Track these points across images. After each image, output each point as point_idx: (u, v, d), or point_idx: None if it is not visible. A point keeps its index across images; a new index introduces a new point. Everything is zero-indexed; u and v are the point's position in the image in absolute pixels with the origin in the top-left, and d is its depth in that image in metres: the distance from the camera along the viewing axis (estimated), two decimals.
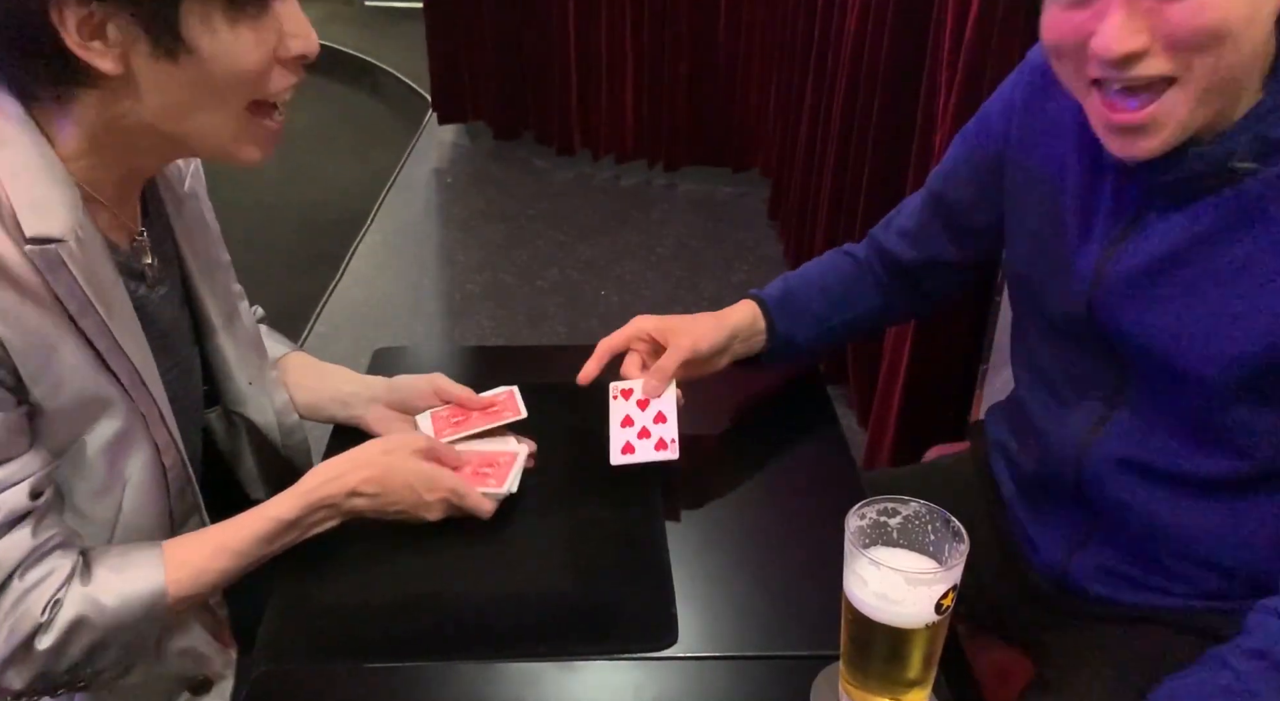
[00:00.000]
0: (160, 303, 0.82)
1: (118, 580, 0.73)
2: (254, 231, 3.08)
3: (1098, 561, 0.87)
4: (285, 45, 0.71)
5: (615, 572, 0.83)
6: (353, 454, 0.84)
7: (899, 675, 0.66)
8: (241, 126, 0.73)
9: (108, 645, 0.73)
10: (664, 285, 2.73)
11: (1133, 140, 0.70)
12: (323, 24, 4.87)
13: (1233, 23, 0.65)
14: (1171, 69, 0.67)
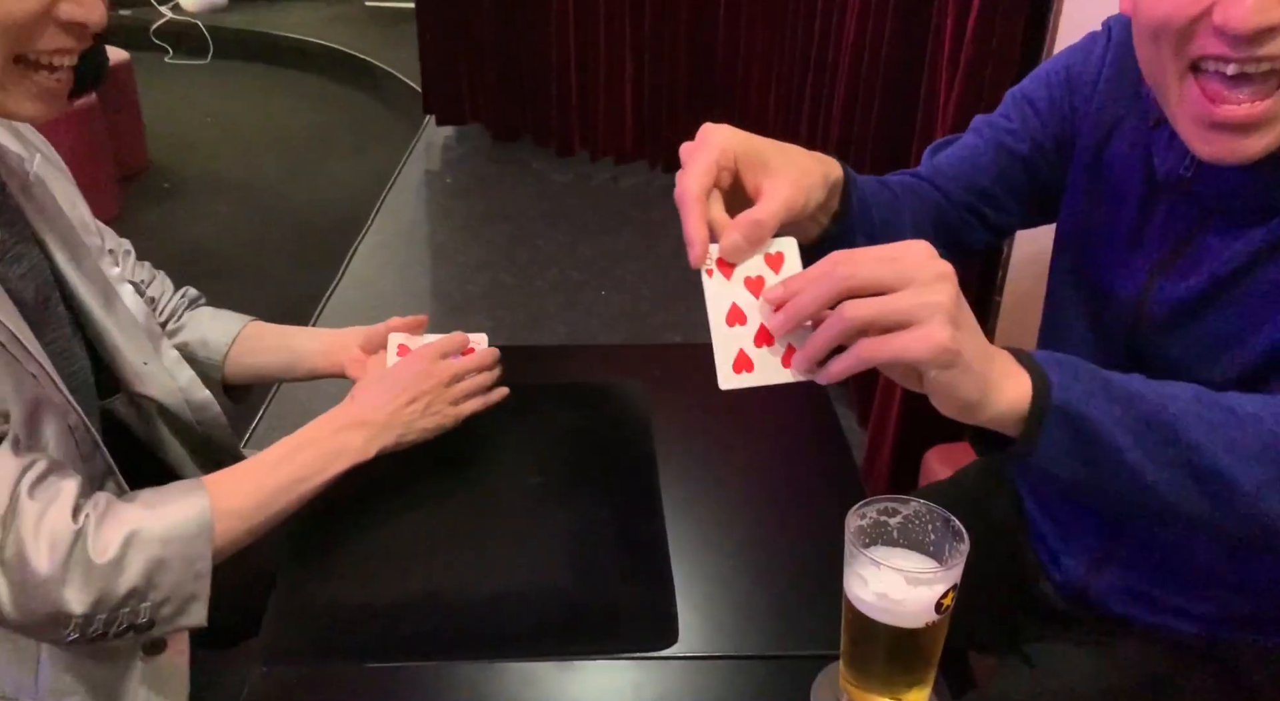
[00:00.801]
0: (20, 280, 0.80)
1: (161, 501, 0.76)
2: (254, 231, 3.09)
3: (1119, 580, 0.84)
4: (64, 7, 0.69)
5: (615, 572, 0.83)
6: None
7: (899, 674, 0.66)
8: (8, 78, 0.70)
9: (166, 564, 0.74)
10: (664, 285, 2.73)
11: (1233, 139, 0.63)
12: (323, 24, 4.87)
13: None
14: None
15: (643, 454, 0.96)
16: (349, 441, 0.86)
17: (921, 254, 0.54)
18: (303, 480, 0.83)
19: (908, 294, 0.53)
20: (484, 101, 3.53)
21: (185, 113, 4.05)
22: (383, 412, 0.88)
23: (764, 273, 0.60)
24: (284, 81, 4.56)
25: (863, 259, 0.54)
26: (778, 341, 0.60)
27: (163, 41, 4.72)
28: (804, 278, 0.57)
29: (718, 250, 0.61)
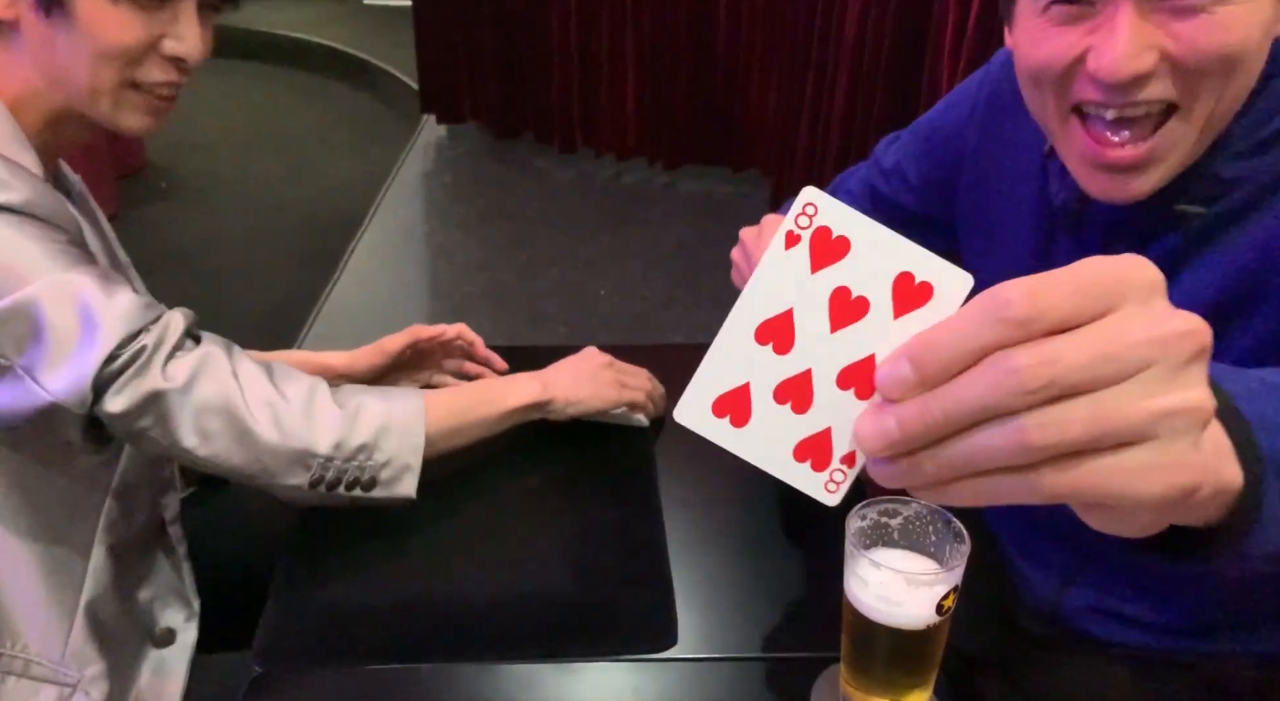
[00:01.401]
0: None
1: (381, 393, 0.84)
2: (252, 231, 3.08)
3: (1088, 599, 0.84)
4: (166, 43, 0.76)
5: (615, 573, 0.83)
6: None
7: (900, 676, 0.66)
8: (121, 99, 0.77)
9: (389, 430, 0.80)
10: (664, 285, 2.72)
11: (1124, 180, 0.63)
12: (322, 23, 4.87)
13: (1248, 47, 0.59)
14: (1176, 94, 0.60)
15: (642, 454, 0.96)
16: (529, 384, 0.91)
17: (1154, 305, 0.32)
18: (487, 401, 0.89)
19: (1144, 393, 0.31)
20: (483, 99, 3.52)
21: (183, 111, 4.01)
22: (566, 380, 0.93)
23: (878, 300, 0.34)
24: (281, 80, 4.55)
25: (1057, 321, 0.31)
26: (813, 410, 0.35)
27: None
28: (950, 350, 0.31)
29: (827, 210, 0.34)
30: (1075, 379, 0.30)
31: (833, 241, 0.34)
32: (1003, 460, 0.31)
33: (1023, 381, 0.30)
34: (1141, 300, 0.31)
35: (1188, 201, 0.65)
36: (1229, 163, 0.64)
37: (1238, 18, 0.57)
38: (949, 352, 0.31)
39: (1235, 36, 0.58)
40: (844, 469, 0.36)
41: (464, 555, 0.85)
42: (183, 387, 0.74)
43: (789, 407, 0.36)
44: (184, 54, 0.77)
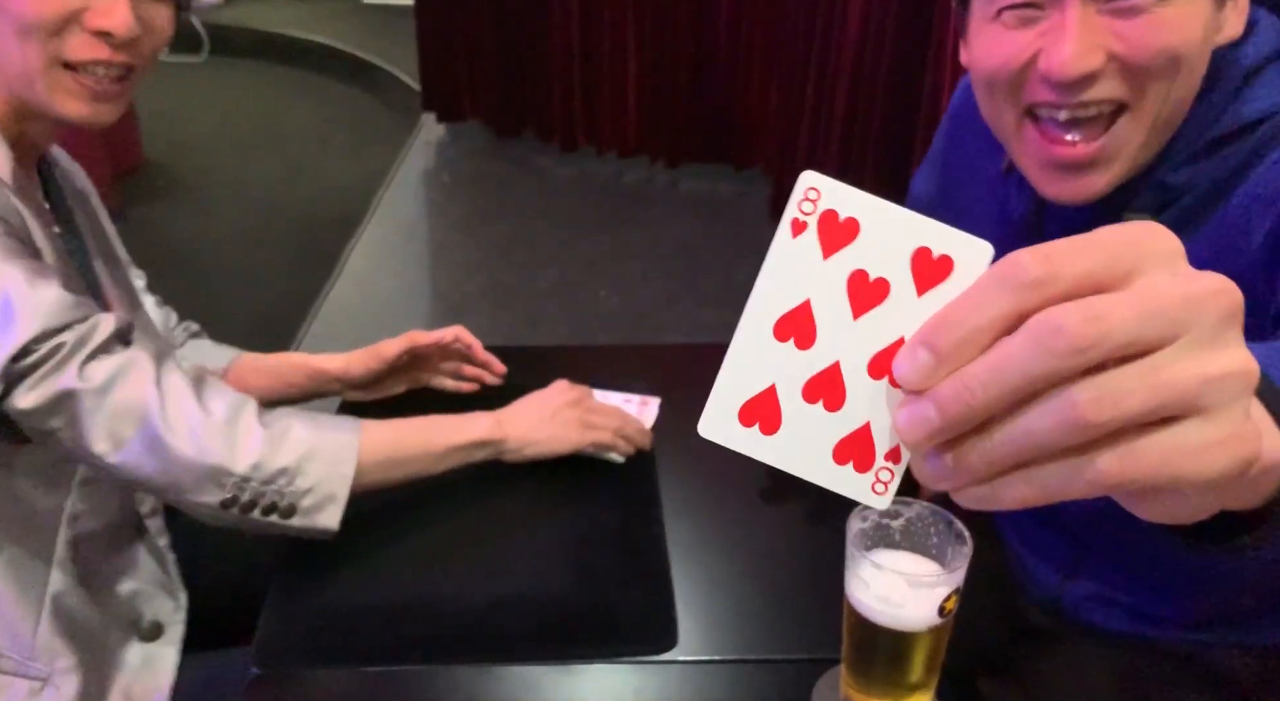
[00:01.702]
0: (75, 274, 0.85)
1: (316, 417, 0.82)
2: (250, 230, 3.08)
3: (1091, 589, 0.84)
4: (88, 16, 0.73)
5: (615, 575, 0.83)
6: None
7: (901, 678, 0.65)
8: (55, 80, 0.75)
9: (316, 454, 0.78)
10: (664, 285, 2.72)
11: (1076, 179, 0.64)
12: (319, 21, 4.87)
13: (1190, 47, 0.61)
14: (1125, 94, 0.62)
15: (643, 455, 0.96)
16: (479, 420, 0.89)
17: (1177, 266, 0.29)
18: (433, 435, 0.86)
19: (1193, 357, 0.28)
20: (484, 97, 3.52)
21: (181, 110, 4.04)
22: (526, 417, 0.90)
23: (898, 280, 0.31)
24: (280, 79, 4.55)
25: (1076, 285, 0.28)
26: (847, 407, 0.32)
27: None
28: (969, 326, 0.29)
29: (829, 193, 0.31)
30: (1123, 338, 0.27)
31: (841, 224, 0.31)
32: (1056, 441, 0.27)
33: (1071, 341, 0.26)
34: (1165, 263, 0.29)
35: (1136, 209, 0.66)
36: (1174, 170, 0.66)
37: (1178, 17, 0.60)
38: (964, 328, 0.28)
39: (1177, 36, 0.60)
40: (890, 467, 0.32)
41: (464, 556, 0.85)
42: (98, 390, 0.71)
43: (821, 406, 0.32)
44: (109, 28, 0.73)
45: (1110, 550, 0.82)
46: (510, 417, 0.89)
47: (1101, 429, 0.27)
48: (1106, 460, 0.27)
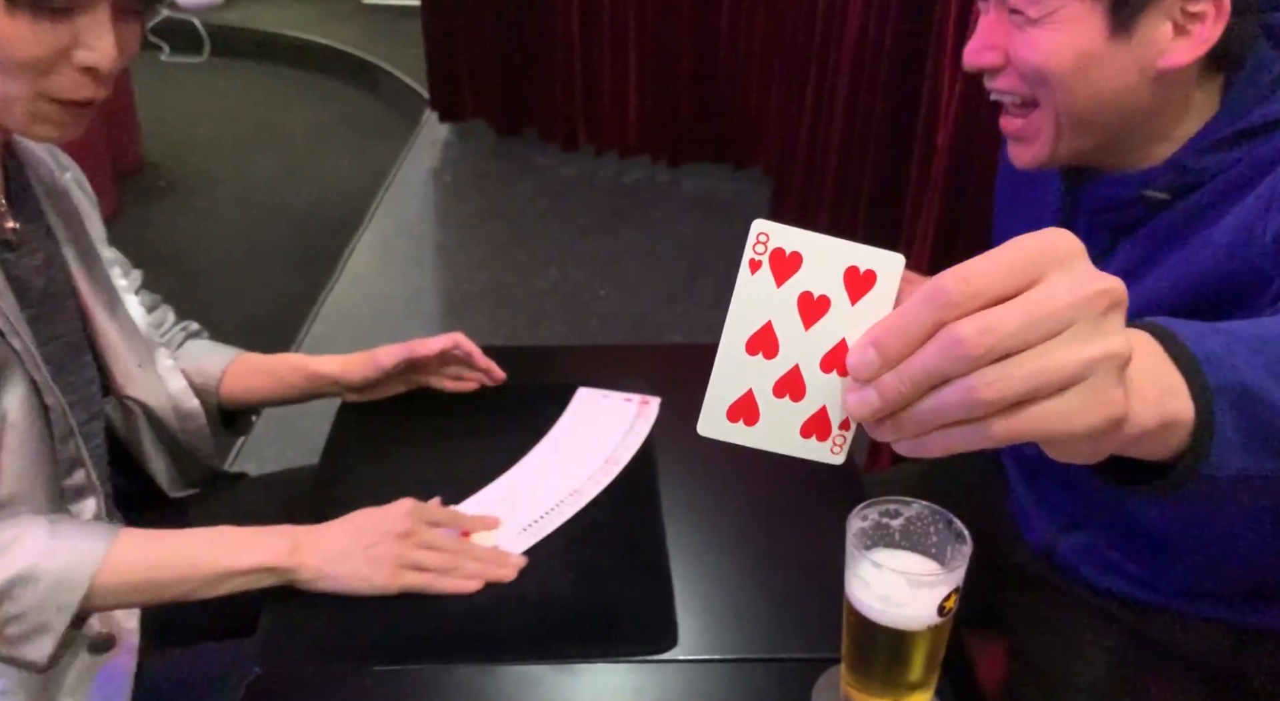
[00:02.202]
0: (31, 270, 0.84)
1: (69, 529, 0.75)
2: (251, 230, 3.08)
3: (1084, 544, 0.88)
4: (76, 54, 0.71)
5: (615, 575, 0.83)
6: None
7: (901, 678, 0.65)
8: (37, 111, 0.74)
9: (34, 579, 0.72)
10: (664, 285, 2.72)
11: (1013, 147, 0.78)
12: (320, 22, 4.87)
13: (1060, 70, 0.70)
14: (1024, 90, 0.73)
15: (643, 454, 0.96)
16: (271, 542, 0.79)
17: (1075, 269, 0.37)
18: (204, 556, 0.77)
19: (1070, 347, 0.36)
20: (486, 97, 3.52)
21: (181, 111, 4.04)
22: (333, 536, 0.81)
23: (835, 295, 0.40)
24: (281, 79, 4.55)
25: (989, 292, 0.36)
26: (807, 397, 0.41)
27: (159, 39, 4.71)
28: (902, 335, 0.38)
29: (771, 231, 0.40)
30: (1011, 342, 0.36)
31: (787, 258, 0.41)
32: (961, 414, 0.37)
33: (967, 350, 0.36)
34: (1063, 265, 0.37)
35: (1156, 188, 0.73)
36: (1196, 155, 0.71)
37: (1046, 41, 0.69)
38: (903, 337, 0.38)
39: (1041, 57, 0.70)
40: (843, 434, 0.43)
41: None
42: None
43: (788, 399, 0.42)
44: (96, 63, 0.72)
45: (1112, 510, 0.85)
46: (315, 542, 0.79)
47: (995, 405, 0.36)
48: (999, 424, 0.37)
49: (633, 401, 1.03)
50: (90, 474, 0.84)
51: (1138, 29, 0.67)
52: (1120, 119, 0.72)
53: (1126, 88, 0.70)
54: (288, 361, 1.06)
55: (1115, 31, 0.68)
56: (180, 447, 1.01)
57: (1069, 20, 0.68)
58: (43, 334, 0.84)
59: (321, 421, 1.04)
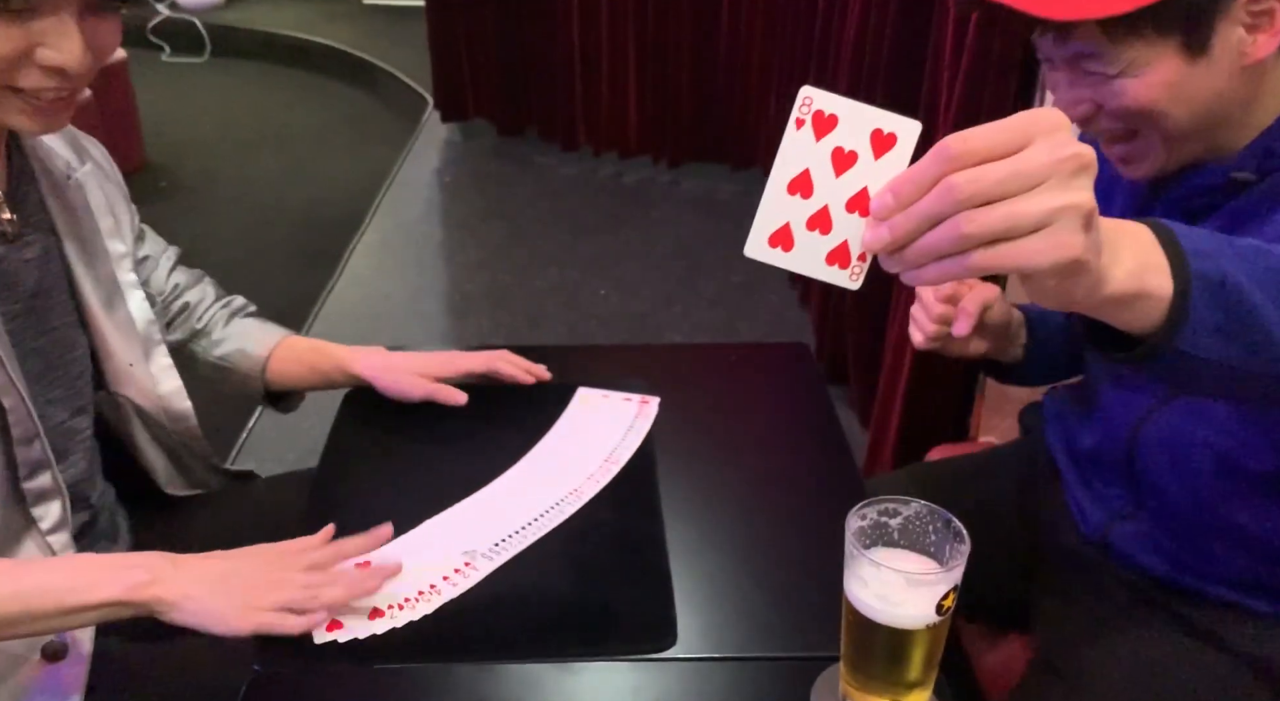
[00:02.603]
0: (25, 264, 0.84)
1: None
2: (252, 230, 3.08)
3: (1140, 530, 0.89)
4: (41, 52, 0.72)
5: (614, 574, 0.83)
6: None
7: (900, 676, 0.66)
8: (4, 101, 0.74)
9: None
10: (664, 285, 2.72)
11: (1124, 168, 0.80)
12: (320, 22, 4.87)
13: (1159, 102, 0.71)
14: (1123, 126, 0.75)
15: (643, 454, 0.96)
16: (130, 575, 0.73)
17: (1056, 138, 0.46)
18: (60, 590, 0.72)
19: (1040, 197, 0.45)
20: (489, 96, 3.53)
21: (182, 111, 4.04)
22: (195, 567, 0.76)
23: (862, 150, 0.50)
24: (281, 79, 4.55)
25: (982, 151, 0.45)
26: (834, 230, 0.51)
27: (160, 39, 4.71)
28: (913, 184, 0.47)
29: (816, 97, 0.50)
30: (994, 190, 0.45)
31: (826, 118, 0.51)
32: (949, 246, 0.47)
33: (956, 195, 0.45)
34: (1047, 135, 0.45)
35: (1241, 170, 0.74)
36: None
37: (1137, 86, 0.71)
38: (913, 185, 0.47)
39: (1141, 99, 0.71)
40: (860, 265, 0.52)
41: None
42: None
43: (818, 233, 0.52)
44: (61, 64, 0.72)
45: (1166, 497, 0.86)
46: (177, 576, 0.74)
47: (976, 239, 0.46)
48: (977, 255, 0.46)
49: (632, 401, 1.04)
50: (56, 477, 0.83)
51: (1214, 45, 0.69)
52: (1225, 118, 0.74)
53: (1222, 92, 0.72)
54: (331, 357, 1.07)
55: (1195, 56, 0.70)
56: (174, 443, 1.01)
57: (1146, 63, 0.70)
58: (32, 329, 0.84)
59: (322, 421, 1.04)
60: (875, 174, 0.50)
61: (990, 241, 0.46)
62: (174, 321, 1.07)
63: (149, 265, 1.05)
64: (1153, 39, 0.69)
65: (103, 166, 0.97)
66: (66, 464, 0.88)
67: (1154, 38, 0.69)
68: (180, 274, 1.09)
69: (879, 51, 1.85)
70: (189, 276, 1.10)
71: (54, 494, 0.83)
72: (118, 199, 0.98)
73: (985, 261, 0.46)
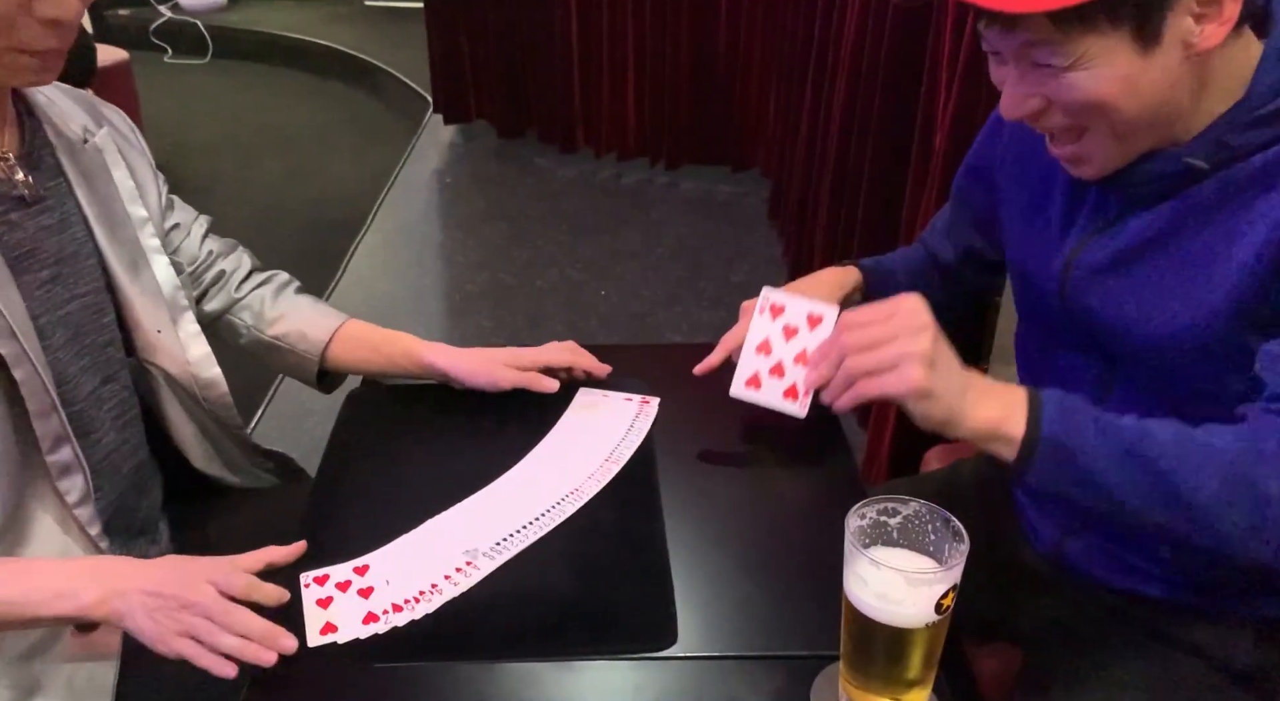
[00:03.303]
0: (44, 230, 0.84)
1: None
2: (254, 231, 3.08)
3: (1091, 543, 0.89)
4: (38, 6, 0.73)
5: (615, 572, 0.83)
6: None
7: (899, 675, 0.66)
8: (12, 62, 0.75)
9: None
10: (664, 285, 2.73)
11: (1073, 167, 0.79)
12: (322, 23, 4.88)
13: (1109, 98, 0.70)
14: (1073, 122, 0.74)
15: (643, 454, 0.96)
16: (81, 591, 0.74)
17: (909, 309, 0.71)
18: (16, 604, 0.74)
19: (894, 346, 0.70)
20: (489, 98, 3.53)
21: (185, 112, 4.05)
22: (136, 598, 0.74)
23: (801, 326, 0.81)
24: (283, 81, 4.56)
25: (863, 322, 0.72)
26: (786, 376, 0.81)
27: (162, 41, 4.72)
28: (822, 350, 0.77)
29: (771, 295, 0.82)
30: (864, 342, 0.72)
31: (778, 308, 0.82)
32: (844, 378, 0.73)
33: (843, 343, 0.73)
34: (906, 309, 0.72)
35: (1196, 158, 0.74)
36: (1236, 132, 0.73)
37: (1088, 79, 0.70)
38: (831, 351, 0.74)
39: (1091, 92, 0.70)
40: (805, 399, 0.82)
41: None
42: None
43: (776, 378, 0.82)
44: (58, 16, 0.74)
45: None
46: (120, 596, 0.74)
47: (857, 372, 0.72)
48: (860, 384, 0.72)
49: (633, 401, 1.04)
50: (77, 452, 0.83)
51: (1164, 37, 0.68)
52: (1174, 109, 0.73)
53: (1173, 84, 0.71)
54: (400, 344, 1.07)
55: (1146, 47, 0.69)
56: (202, 412, 1.00)
57: (1098, 56, 0.69)
58: (58, 296, 0.84)
59: (324, 420, 1.05)
60: (810, 340, 0.80)
61: (865, 374, 0.71)
62: (209, 290, 1.05)
63: (179, 233, 1.03)
64: (1105, 30, 0.68)
65: (122, 131, 0.96)
66: (98, 434, 0.88)
67: (1106, 29, 0.68)
68: (213, 242, 1.08)
69: (878, 52, 1.85)
70: (223, 244, 1.09)
71: (75, 468, 0.83)
72: (140, 164, 0.98)
73: (865, 388, 0.71)
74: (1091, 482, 0.68)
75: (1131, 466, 0.67)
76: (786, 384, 0.80)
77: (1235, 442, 0.67)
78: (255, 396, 2.13)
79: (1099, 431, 0.68)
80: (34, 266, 0.82)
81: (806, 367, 0.79)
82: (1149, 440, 0.67)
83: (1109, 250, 0.80)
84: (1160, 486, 0.66)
